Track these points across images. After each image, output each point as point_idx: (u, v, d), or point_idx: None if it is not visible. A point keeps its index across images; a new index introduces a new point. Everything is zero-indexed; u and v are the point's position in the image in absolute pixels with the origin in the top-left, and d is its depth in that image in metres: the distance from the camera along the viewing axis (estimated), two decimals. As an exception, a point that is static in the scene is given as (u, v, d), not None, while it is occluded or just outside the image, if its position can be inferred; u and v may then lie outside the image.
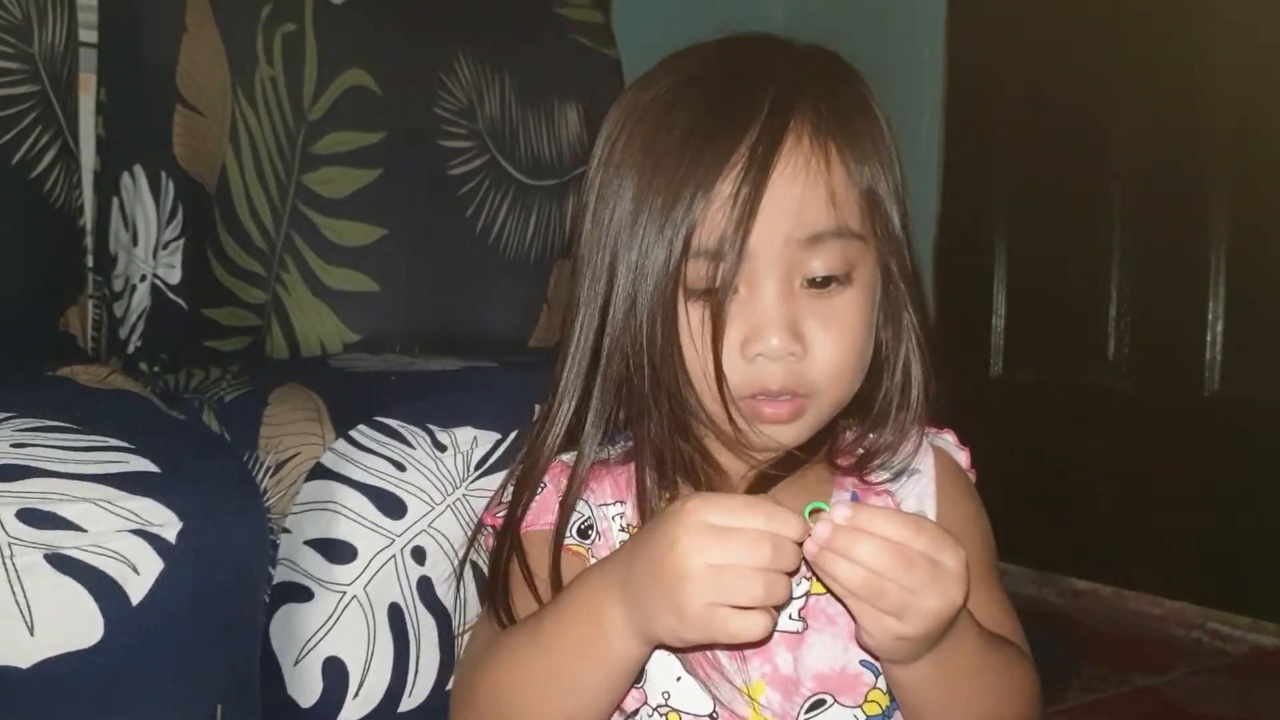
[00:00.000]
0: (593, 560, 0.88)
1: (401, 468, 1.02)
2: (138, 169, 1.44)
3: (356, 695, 1.00)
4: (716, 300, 0.82)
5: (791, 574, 0.74)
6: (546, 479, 0.90)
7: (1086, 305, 2.25)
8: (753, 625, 0.73)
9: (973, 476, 0.97)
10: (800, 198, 0.82)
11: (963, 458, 0.97)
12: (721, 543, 0.72)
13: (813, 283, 0.84)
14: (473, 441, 1.06)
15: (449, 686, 1.02)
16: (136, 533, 0.87)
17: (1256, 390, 2.04)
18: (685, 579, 0.73)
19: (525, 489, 0.89)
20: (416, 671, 1.02)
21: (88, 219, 1.52)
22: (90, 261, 1.53)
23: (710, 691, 0.84)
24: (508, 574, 0.88)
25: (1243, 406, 2.05)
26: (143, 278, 1.44)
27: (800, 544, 0.73)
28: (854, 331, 0.86)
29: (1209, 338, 2.09)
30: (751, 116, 0.83)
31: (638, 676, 0.84)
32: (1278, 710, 1.74)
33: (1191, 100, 2.11)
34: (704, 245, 0.82)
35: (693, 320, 0.83)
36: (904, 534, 0.73)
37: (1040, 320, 2.34)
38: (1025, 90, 2.37)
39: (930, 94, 2.49)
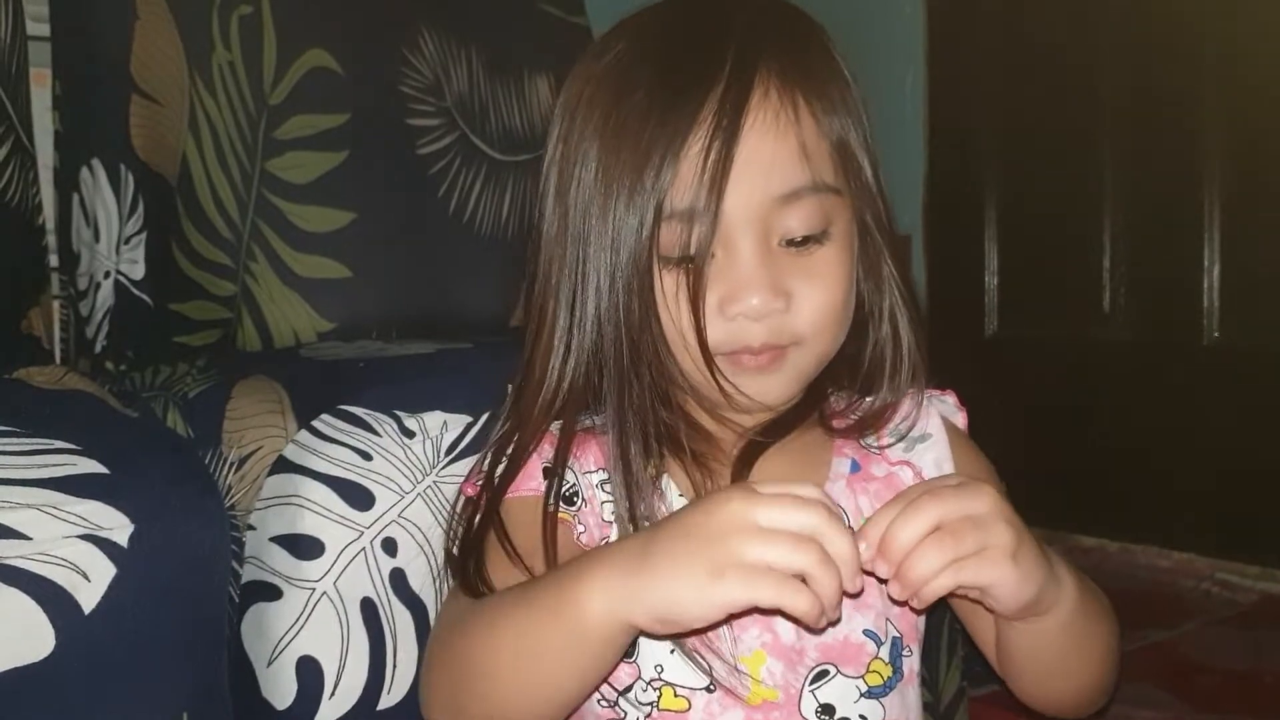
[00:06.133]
0: (580, 526, 0.85)
1: (368, 457, 0.98)
2: (96, 163, 1.40)
3: (333, 695, 0.96)
4: (695, 266, 0.79)
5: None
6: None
7: (1080, 258, 2.21)
8: (800, 597, 0.67)
9: None
10: (772, 154, 0.80)
11: (960, 419, 0.95)
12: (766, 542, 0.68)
13: (791, 242, 0.81)
14: (442, 426, 1.02)
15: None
16: (85, 538, 0.83)
17: (1256, 336, 2.01)
18: (727, 535, 0.68)
19: (515, 457, 0.86)
20: (394, 666, 0.98)
21: (50, 217, 1.48)
22: (55, 261, 1.49)
23: (703, 670, 0.81)
24: (484, 542, 0.84)
25: (1243, 353, 2.02)
26: (106, 274, 1.40)
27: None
28: (837, 283, 0.83)
29: (1206, 285, 2.06)
30: (715, 72, 0.80)
31: (628, 650, 0.81)
32: (1292, 658, 1.71)
33: (1179, 45, 2.07)
34: (676, 208, 0.79)
35: (668, 287, 0.81)
36: (931, 509, 0.72)
37: (1034, 276, 2.30)
38: (1009, 42, 2.33)
39: (912, 50, 2.45)
